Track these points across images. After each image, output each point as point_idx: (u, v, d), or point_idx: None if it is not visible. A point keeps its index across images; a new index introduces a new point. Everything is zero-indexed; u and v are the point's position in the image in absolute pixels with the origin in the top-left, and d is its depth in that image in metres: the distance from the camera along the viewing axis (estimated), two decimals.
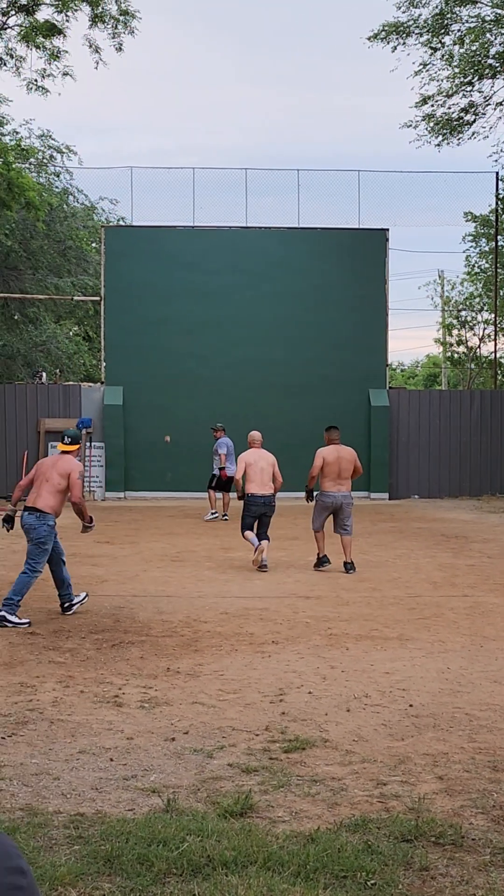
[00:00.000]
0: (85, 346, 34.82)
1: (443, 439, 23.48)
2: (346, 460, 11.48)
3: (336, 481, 11.49)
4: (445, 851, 3.96)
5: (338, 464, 11.45)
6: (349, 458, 11.50)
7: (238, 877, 3.68)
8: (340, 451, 11.53)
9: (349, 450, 11.62)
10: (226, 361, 23.13)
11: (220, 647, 7.63)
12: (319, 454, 11.56)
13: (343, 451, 11.55)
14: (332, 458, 11.45)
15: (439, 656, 7.36)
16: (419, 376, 59.64)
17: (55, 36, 19.91)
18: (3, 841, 1.09)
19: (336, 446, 11.62)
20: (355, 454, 11.64)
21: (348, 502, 11.62)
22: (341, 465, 11.46)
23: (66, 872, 3.69)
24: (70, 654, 7.39)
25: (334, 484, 11.49)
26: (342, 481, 11.51)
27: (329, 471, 11.45)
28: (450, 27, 21.52)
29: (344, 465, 11.47)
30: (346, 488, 11.54)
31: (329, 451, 11.53)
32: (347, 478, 11.56)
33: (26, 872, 1.08)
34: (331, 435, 11.76)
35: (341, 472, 11.47)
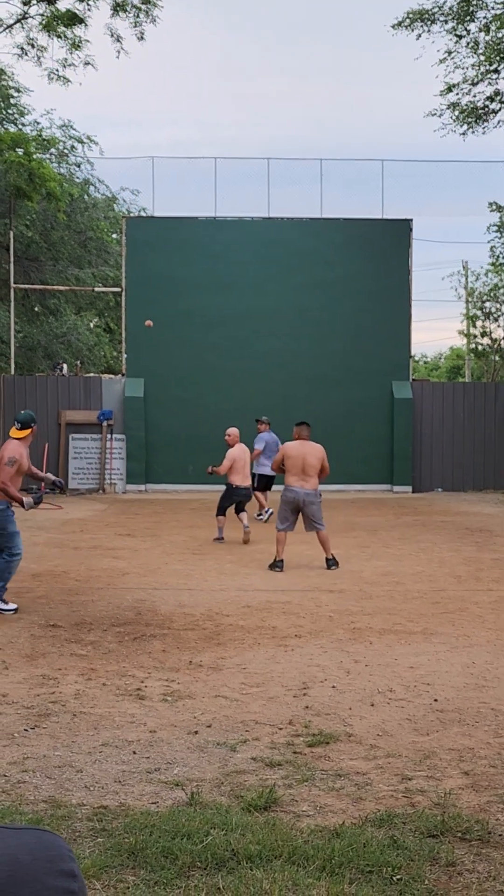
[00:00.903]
0: (106, 338, 34.85)
1: (466, 432, 23.33)
2: (312, 456, 11.27)
3: (299, 477, 11.27)
4: (472, 847, 3.92)
5: (301, 459, 11.24)
6: (315, 455, 11.28)
7: (263, 871, 3.65)
8: (306, 448, 11.32)
9: (317, 447, 11.39)
10: (247, 353, 23.08)
11: (242, 641, 7.60)
12: (282, 448, 11.56)
13: (309, 447, 11.34)
14: (294, 453, 11.27)
15: (464, 651, 7.30)
16: (443, 368, 59.34)
17: (76, 25, 19.87)
18: (56, 843, 1.08)
19: (302, 442, 11.41)
20: (323, 453, 11.36)
21: (311, 500, 11.26)
22: (305, 461, 11.24)
23: (91, 865, 3.67)
24: (92, 646, 7.39)
25: (297, 479, 11.27)
26: (306, 478, 11.27)
27: (292, 465, 11.26)
28: (475, 14, 21.29)
29: (308, 461, 11.24)
30: (310, 485, 11.28)
31: (293, 447, 11.36)
32: (312, 475, 11.30)
33: (77, 876, 1.07)
34: (299, 431, 11.56)
35: (305, 468, 11.25)
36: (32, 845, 1.06)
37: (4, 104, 27.65)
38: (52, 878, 1.04)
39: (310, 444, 11.44)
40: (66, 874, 1.06)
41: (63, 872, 1.06)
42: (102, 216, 32.20)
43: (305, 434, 11.55)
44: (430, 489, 23.17)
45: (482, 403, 23.52)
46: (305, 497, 11.25)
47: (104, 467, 22.65)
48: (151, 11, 20.00)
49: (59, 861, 1.06)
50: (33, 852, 1.05)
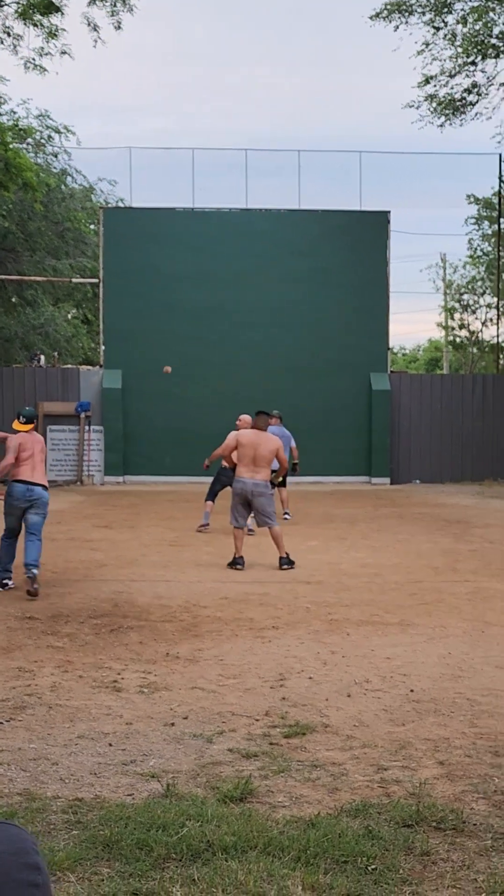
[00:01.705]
0: (83, 329, 34.70)
1: (444, 424, 23.42)
2: (265, 448, 10.75)
3: (249, 467, 10.74)
4: (446, 836, 3.93)
5: (253, 449, 10.74)
6: (268, 448, 10.77)
7: (238, 862, 3.65)
8: (260, 438, 10.83)
9: (272, 439, 10.91)
10: (225, 344, 23.05)
11: (219, 632, 7.59)
12: (233, 435, 11.08)
13: (264, 438, 10.84)
14: (247, 442, 10.80)
15: (440, 641, 7.33)
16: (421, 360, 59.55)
17: (53, 13, 19.72)
18: (21, 836, 1.07)
19: (257, 432, 10.93)
20: (277, 446, 10.86)
21: (260, 491, 10.69)
22: (257, 452, 10.73)
23: (65, 857, 3.66)
24: (68, 638, 7.36)
25: (247, 470, 10.75)
26: (257, 469, 10.75)
27: (243, 454, 10.79)
28: (452, 6, 21.32)
29: (260, 452, 10.73)
30: (260, 476, 10.75)
31: (246, 435, 10.90)
32: (264, 467, 10.79)
33: (42, 869, 1.07)
34: (256, 420, 11.14)
35: (256, 458, 10.73)
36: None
37: None
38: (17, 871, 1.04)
39: (265, 434, 10.97)
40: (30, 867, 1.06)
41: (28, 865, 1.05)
42: (80, 207, 32.03)
43: (262, 424, 11.09)
44: (408, 481, 23.25)
45: (460, 395, 23.61)
46: (254, 488, 10.71)
47: (82, 459, 22.58)
48: (128, 1, 19.87)
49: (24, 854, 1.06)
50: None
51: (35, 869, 1.06)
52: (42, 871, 1.07)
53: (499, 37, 21.19)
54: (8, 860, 1.04)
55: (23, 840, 1.08)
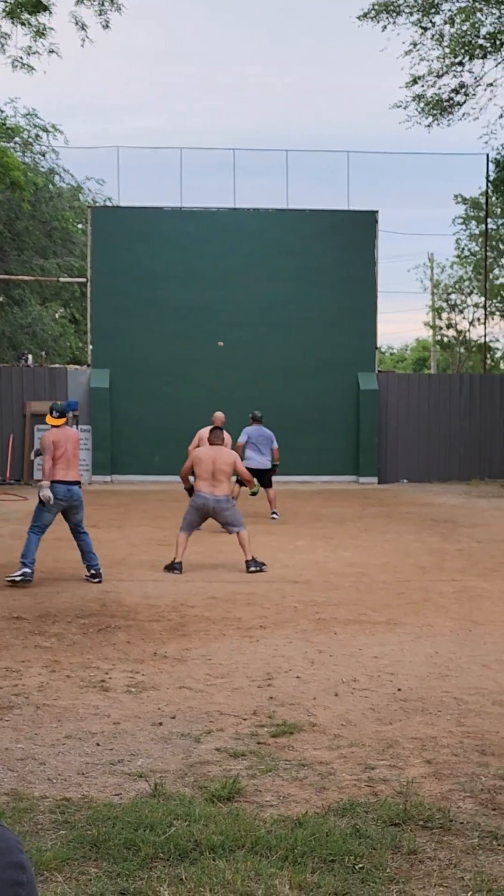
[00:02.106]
0: (71, 329, 34.64)
1: (432, 423, 23.47)
2: (224, 462, 10.84)
3: (209, 482, 10.80)
4: (433, 835, 3.95)
5: (211, 464, 10.80)
6: (226, 461, 10.86)
7: (226, 861, 3.66)
8: (218, 453, 10.91)
9: (229, 453, 11.05)
10: (213, 344, 23.03)
11: (207, 632, 7.60)
12: (193, 453, 11.26)
13: (221, 453, 10.94)
14: (204, 457, 10.88)
15: (428, 640, 7.35)
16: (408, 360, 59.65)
17: (41, 12, 19.64)
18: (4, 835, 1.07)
19: (214, 448, 11.01)
20: (234, 459, 10.97)
21: (222, 506, 10.76)
22: (215, 467, 10.79)
23: (53, 857, 3.66)
24: (56, 638, 7.35)
25: (207, 485, 10.80)
26: (216, 483, 10.82)
27: (202, 471, 10.84)
28: (440, 6, 21.36)
29: (218, 467, 10.80)
30: (220, 491, 10.82)
31: (203, 451, 11.02)
32: (223, 480, 10.86)
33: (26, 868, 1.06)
34: (211, 436, 11.22)
35: (215, 473, 10.80)
36: None
37: None
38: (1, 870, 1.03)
39: (223, 449, 11.06)
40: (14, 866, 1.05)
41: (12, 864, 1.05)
42: (67, 206, 31.97)
43: (216, 439, 11.15)
44: (396, 480, 23.29)
45: (448, 395, 23.67)
46: (216, 504, 10.76)
47: None
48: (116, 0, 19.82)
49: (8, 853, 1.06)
50: None
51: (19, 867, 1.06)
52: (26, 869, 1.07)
53: (486, 37, 21.25)
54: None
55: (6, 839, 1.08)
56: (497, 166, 24.06)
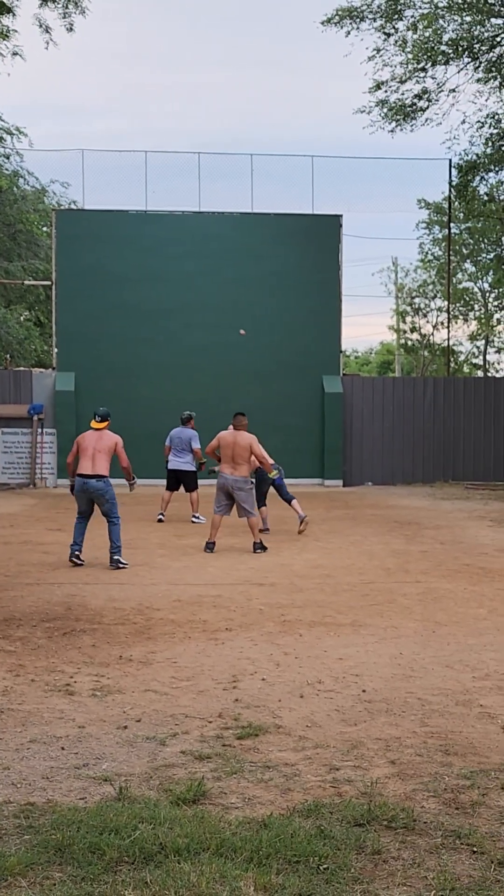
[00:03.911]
0: (36, 332, 34.42)
1: (396, 426, 23.61)
2: (241, 446, 12.01)
3: (229, 464, 12.05)
4: (397, 835, 3.98)
5: (231, 448, 12.03)
6: (243, 445, 12.02)
7: (190, 864, 3.66)
8: (237, 437, 12.09)
9: (247, 437, 12.10)
10: (179, 347, 23.02)
11: (172, 635, 7.59)
12: (217, 437, 12.33)
13: (240, 437, 12.09)
14: (226, 442, 12.11)
15: (392, 642, 7.40)
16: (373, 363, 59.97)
17: (4, 14, 19.51)
18: None
19: (235, 432, 12.21)
20: (250, 442, 12.04)
21: (239, 486, 12.02)
22: (235, 451, 12.00)
23: (17, 862, 3.64)
24: (21, 642, 7.31)
25: (228, 467, 12.07)
26: (236, 465, 12.03)
27: (224, 454, 12.10)
28: (403, 12, 21.51)
29: (237, 451, 12.00)
30: (239, 473, 12.05)
31: (225, 436, 12.20)
32: (242, 463, 12.04)
33: None
34: (235, 421, 12.46)
35: (234, 456, 12.02)
36: None
37: None
38: None
39: (241, 433, 12.16)
40: None
41: None
42: (32, 209, 31.78)
43: (239, 423, 12.33)
44: (361, 483, 23.40)
45: (412, 398, 23.82)
46: (234, 483, 11.99)
47: (35, 462, 22.40)
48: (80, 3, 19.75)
49: None
50: None
51: None
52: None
53: (448, 44, 21.43)
54: None
55: None
56: (459, 171, 24.28)
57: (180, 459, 15.37)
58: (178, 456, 15.36)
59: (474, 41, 21.42)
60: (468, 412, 23.88)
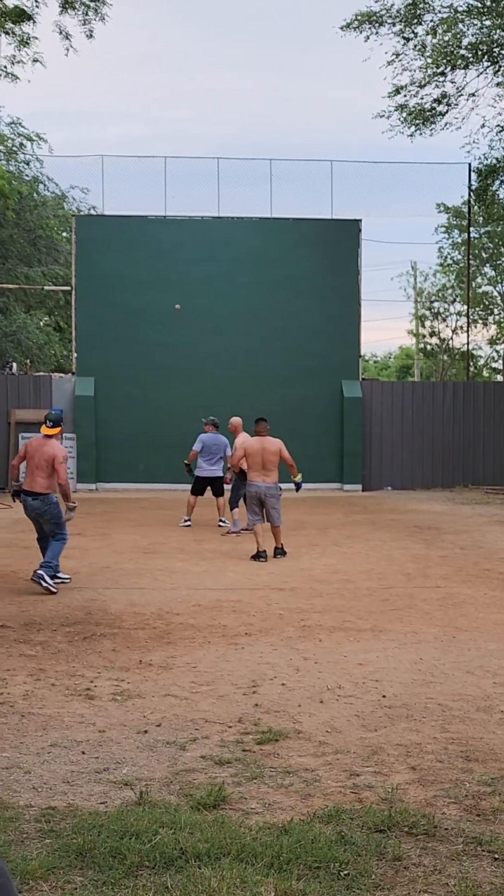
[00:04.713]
0: (56, 337, 34.58)
1: (415, 431, 23.54)
2: (270, 451, 11.85)
3: (260, 472, 11.88)
4: (418, 841, 3.97)
5: (261, 455, 11.82)
6: (273, 451, 11.86)
7: (211, 869, 3.67)
8: (265, 443, 11.90)
9: (275, 441, 11.96)
10: (198, 352, 23.06)
11: (192, 640, 7.60)
12: (243, 445, 12.10)
13: (267, 442, 11.91)
14: (254, 450, 11.87)
15: (412, 647, 7.38)
16: (392, 367, 59.84)
17: (25, 22, 19.66)
18: None
19: (261, 438, 12.00)
20: (280, 445, 11.94)
21: (272, 493, 11.89)
22: (264, 457, 11.82)
23: (38, 866, 3.65)
24: (41, 646, 7.34)
25: (258, 474, 11.90)
26: (266, 472, 11.88)
27: (253, 462, 11.87)
28: (422, 17, 21.49)
29: (267, 457, 11.82)
30: (270, 479, 11.91)
31: (252, 443, 11.96)
32: (272, 469, 11.91)
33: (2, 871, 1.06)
34: (257, 427, 12.23)
35: (265, 463, 11.84)
36: None
37: None
38: None
39: (268, 439, 11.99)
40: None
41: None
42: (52, 214, 31.94)
43: (262, 429, 12.11)
44: (380, 487, 23.35)
45: (431, 402, 23.75)
46: (267, 490, 11.86)
47: None
48: (100, 9, 19.86)
49: None
50: None
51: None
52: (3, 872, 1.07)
53: (468, 48, 21.39)
54: None
55: None
56: (479, 175, 24.21)
57: (215, 467, 15.29)
58: (211, 463, 15.21)
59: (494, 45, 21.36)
60: (488, 416, 23.78)
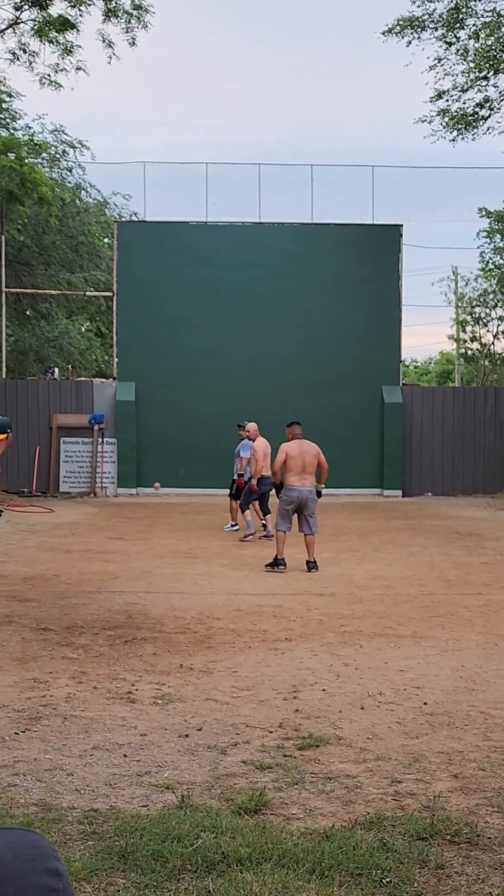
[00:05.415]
0: (97, 342, 34.82)
1: (456, 436, 23.40)
2: (310, 454, 11.64)
3: (300, 476, 11.60)
4: (461, 850, 3.94)
5: (301, 458, 11.59)
6: (312, 453, 11.67)
7: (253, 873, 3.67)
8: (303, 446, 11.69)
9: (312, 445, 11.77)
10: (239, 357, 23.11)
11: (233, 644, 7.61)
12: (282, 449, 11.76)
13: (306, 445, 11.71)
14: (295, 453, 11.61)
15: (454, 654, 7.33)
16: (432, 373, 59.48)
17: (68, 30, 19.89)
18: (39, 843, 1.08)
19: (299, 441, 11.77)
20: (318, 449, 11.77)
21: (313, 497, 11.64)
22: (305, 460, 11.61)
23: (81, 868, 3.68)
24: (83, 650, 7.39)
25: (298, 478, 11.60)
26: (306, 476, 11.65)
27: (293, 465, 11.58)
28: (465, 21, 21.40)
29: (308, 460, 11.63)
30: (310, 483, 11.68)
31: (292, 447, 11.68)
32: (311, 472, 11.70)
33: (62, 875, 1.07)
34: (293, 430, 11.94)
35: (305, 466, 11.62)
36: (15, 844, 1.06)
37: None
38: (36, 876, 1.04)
39: (306, 442, 11.79)
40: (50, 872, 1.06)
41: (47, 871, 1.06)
42: (94, 221, 32.18)
43: (299, 433, 11.89)
44: (421, 493, 23.22)
45: (472, 408, 23.59)
46: (309, 495, 11.56)
47: (95, 471, 22.65)
48: (143, 17, 20.04)
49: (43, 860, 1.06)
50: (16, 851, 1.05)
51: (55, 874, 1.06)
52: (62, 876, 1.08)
53: None
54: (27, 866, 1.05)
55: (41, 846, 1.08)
56: None
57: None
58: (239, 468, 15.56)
59: None
60: None
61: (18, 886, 1.03)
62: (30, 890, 1.03)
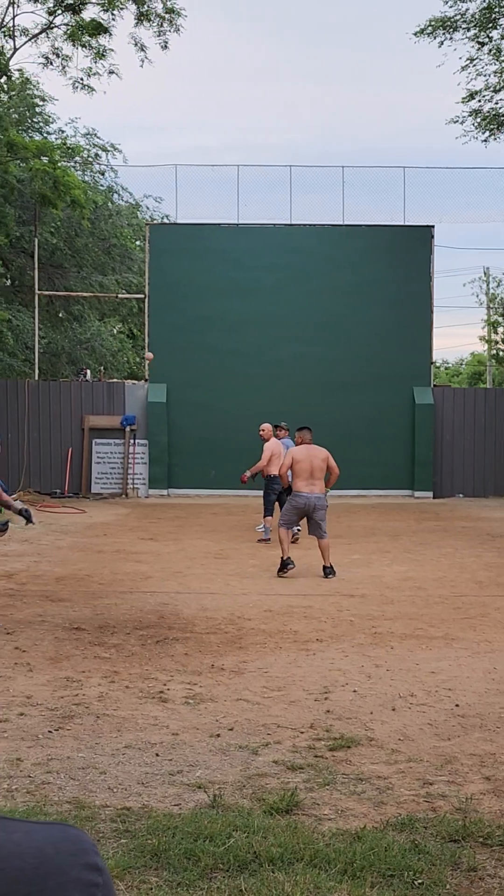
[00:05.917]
0: (129, 344, 34.98)
1: (488, 437, 23.26)
2: (319, 459, 11.26)
3: (308, 482, 11.22)
4: (493, 852, 3.92)
5: (309, 462, 11.21)
6: (321, 458, 11.27)
7: (285, 873, 3.68)
8: (311, 451, 11.33)
9: (321, 450, 11.39)
10: (270, 359, 23.12)
11: (264, 645, 7.63)
12: (289, 454, 11.50)
13: (314, 450, 11.36)
14: (302, 458, 11.26)
15: (485, 656, 7.29)
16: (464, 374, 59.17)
17: (101, 34, 20.00)
18: (80, 838, 1.09)
19: (307, 446, 11.44)
20: (328, 454, 11.35)
21: (321, 504, 11.22)
22: (313, 465, 11.22)
23: (114, 866, 3.71)
24: (115, 649, 7.44)
25: (306, 484, 11.23)
26: (314, 482, 11.25)
27: (300, 470, 11.24)
28: (497, 21, 21.27)
29: (316, 465, 11.23)
30: (318, 489, 11.27)
31: (299, 451, 11.36)
32: (320, 478, 11.31)
33: (103, 870, 1.08)
34: (302, 435, 11.64)
35: (313, 471, 11.23)
36: (56, 839, 1.08)
37: (30, 113, 27.87)
38: (77, 870, 1.05)
39: (314, 447, 11.46)
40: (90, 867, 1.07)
41: (88, 866, 1.07)
42: (126, 223, 32.35)
43: (308, 438, 11.61)
44: (452, 495, 23.11)
45: (503, 409, 23.44)
46: (317, 502, 11.19)
47: (127, 472, 22.75)
48: (175, 21, 20.11)
49: (84, 855, 1.07)
50: (57, 845, 1.06)
51: (95, 869, 1.07)
52: (103, 871, 1.09)
53: None
54: (68, 860, 1.06)
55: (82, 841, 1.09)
56: None
57: None
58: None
59: None
60: None
61: (59, 881, 1.04)
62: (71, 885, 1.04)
